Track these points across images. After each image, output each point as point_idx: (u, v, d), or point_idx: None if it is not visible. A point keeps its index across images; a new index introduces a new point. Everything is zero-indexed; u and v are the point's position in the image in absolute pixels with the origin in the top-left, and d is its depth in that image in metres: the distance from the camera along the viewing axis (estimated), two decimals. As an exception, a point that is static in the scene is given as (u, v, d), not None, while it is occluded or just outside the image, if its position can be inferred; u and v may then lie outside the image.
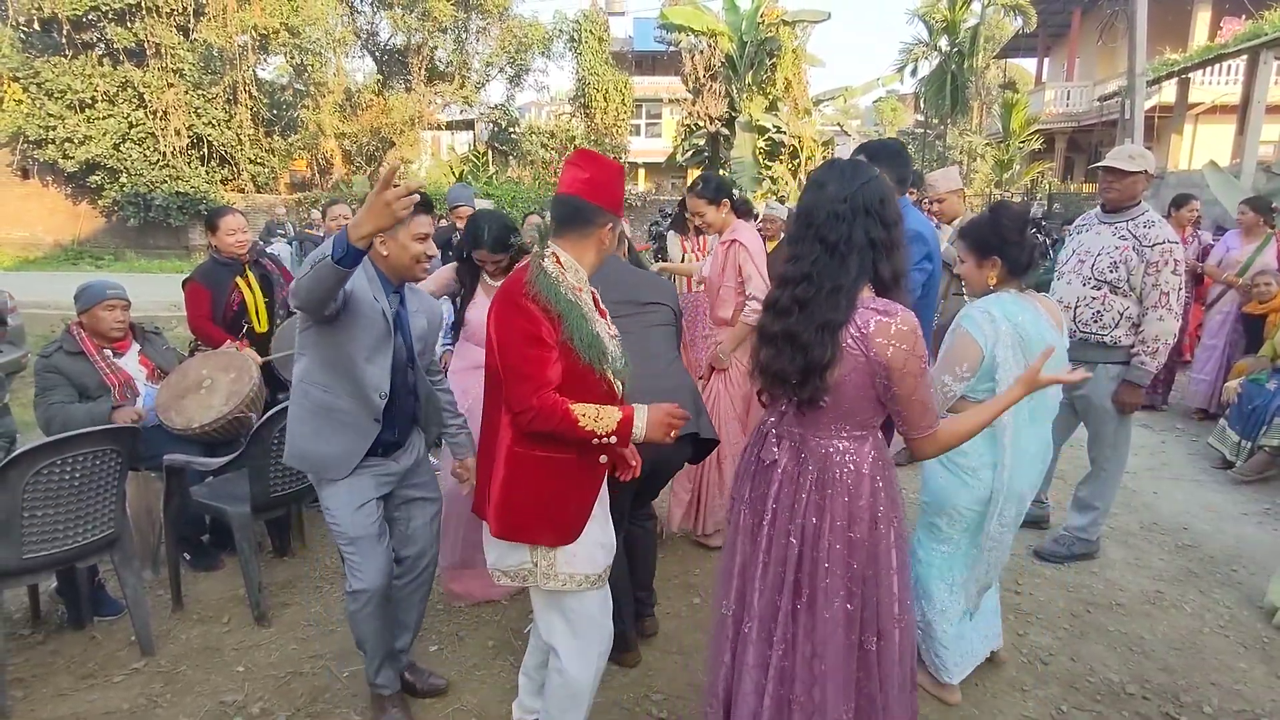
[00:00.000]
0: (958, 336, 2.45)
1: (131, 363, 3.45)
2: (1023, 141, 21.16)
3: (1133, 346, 3.35)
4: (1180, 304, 3.30)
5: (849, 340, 1.71)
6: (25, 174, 18.65)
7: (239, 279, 3.92)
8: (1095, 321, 3.40)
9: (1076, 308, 3.45)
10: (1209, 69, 16.12)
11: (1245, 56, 14.20)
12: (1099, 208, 3.57)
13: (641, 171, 27.22)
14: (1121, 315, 3.35)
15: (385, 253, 2.25)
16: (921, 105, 23.60)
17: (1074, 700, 2.67)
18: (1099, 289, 3.38)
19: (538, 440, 1.91)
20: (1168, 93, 17.38)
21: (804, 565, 1.85)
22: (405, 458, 2.48)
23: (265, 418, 3.08)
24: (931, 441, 1.81)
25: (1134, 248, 3.30)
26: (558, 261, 1.95)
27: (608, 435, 1.89)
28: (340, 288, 1.99)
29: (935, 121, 22.28)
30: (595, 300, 2.06)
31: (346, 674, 2.78)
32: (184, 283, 3.92)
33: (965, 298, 2.93)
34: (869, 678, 1.87)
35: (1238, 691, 2.73)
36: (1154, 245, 3.27)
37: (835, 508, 1.82)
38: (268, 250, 4.53)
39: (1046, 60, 24.41)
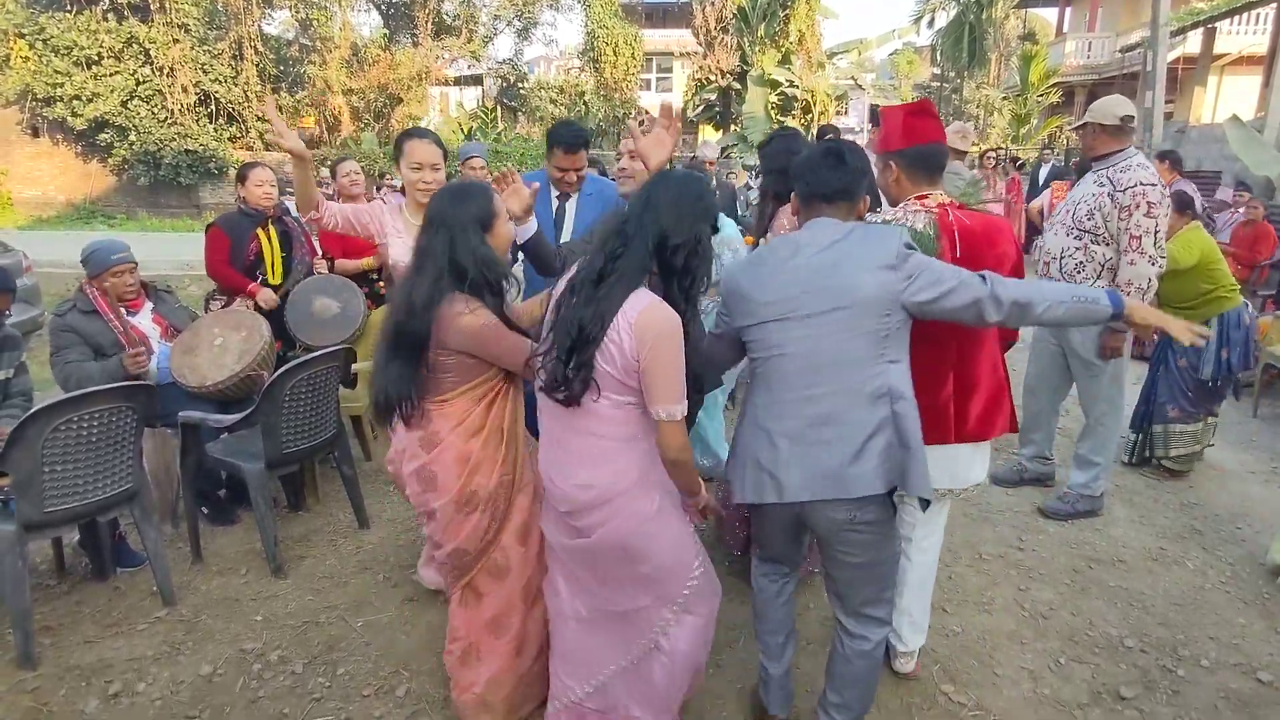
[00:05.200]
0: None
1: (145, 321, 3.49)
2: (1041, 95, 20.64)
3: None
4: (1156, 248, 3.22)
5: None
6: (35, 132, 18.58)
7: (260, 230, 4.02)
8: (1079, 272, 3.37)
9: (1061, 259, 3.42)
10: (1236, 18, 15.65)
11: (1275, 5, 13.76)
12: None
13: (652, 127, 26.85)
14: (1104, 265, 3.32)
15: None
16: (938, 58, 23.11)
17: (1072, 653, 2.72)
18: (1080, 239, 3.35)
19: None
20: (1193, 43, 16.89)
21: None
22: None
23: (276, 375, 3.12)
24: None
25: (1109, 193, 3.27)
26: None
27: None
28: None
29: (952, 75, 21.83)
30: None
31: (360, 624, 2.86)
32: (206, 227, 4.06)
33: None
34: None
35: (1236, 645, 2.77)
36: (1126, 189, 3.23)
37: None
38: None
39: (1068, 10, 23.67)
